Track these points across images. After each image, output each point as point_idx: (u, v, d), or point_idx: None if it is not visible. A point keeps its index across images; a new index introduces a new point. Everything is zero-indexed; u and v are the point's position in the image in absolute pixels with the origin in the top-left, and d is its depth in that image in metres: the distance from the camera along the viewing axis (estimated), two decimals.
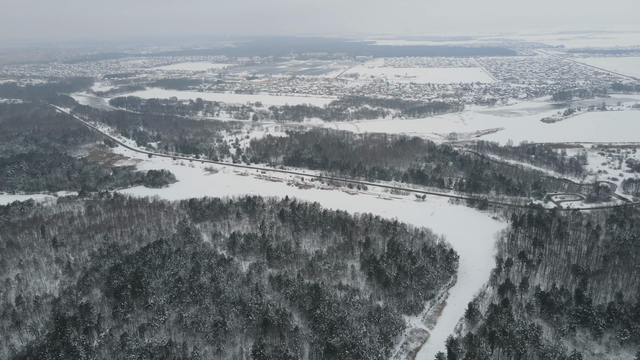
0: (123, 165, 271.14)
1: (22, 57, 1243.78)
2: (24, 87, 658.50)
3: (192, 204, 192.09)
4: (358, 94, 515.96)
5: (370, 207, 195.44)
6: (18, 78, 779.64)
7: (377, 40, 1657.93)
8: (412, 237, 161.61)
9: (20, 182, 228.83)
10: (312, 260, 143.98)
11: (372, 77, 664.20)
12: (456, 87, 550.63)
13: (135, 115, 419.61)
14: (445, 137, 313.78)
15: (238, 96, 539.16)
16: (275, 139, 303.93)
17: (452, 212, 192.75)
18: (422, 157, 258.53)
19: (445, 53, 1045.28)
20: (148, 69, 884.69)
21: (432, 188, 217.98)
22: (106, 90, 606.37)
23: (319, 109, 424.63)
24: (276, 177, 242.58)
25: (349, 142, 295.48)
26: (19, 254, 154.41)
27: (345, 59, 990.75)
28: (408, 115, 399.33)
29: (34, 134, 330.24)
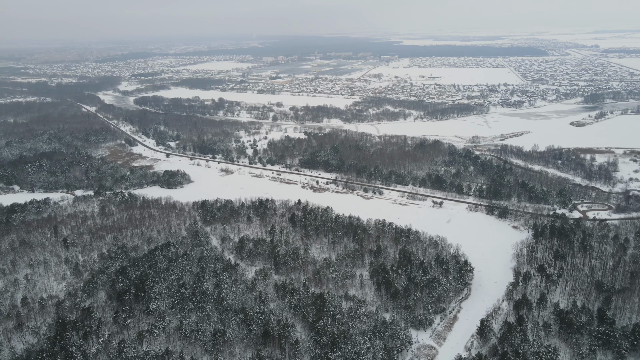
0: (141, 164, 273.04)
1: (55, 56, 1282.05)
2: (55, 86, 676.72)
3: (203, 206, 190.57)
4: (380, 95, 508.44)
5: (384, 212, 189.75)
6: (50, 77, 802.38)
7: (403, 40, 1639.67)
8: (425, 245, 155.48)
9: (39, 181, 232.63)
10: (319, 268, 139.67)
11: (395, 78, 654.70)
12: (482, 88, 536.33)
13: (157, 115, 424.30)
14: (468, 141, 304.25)
15: (260, 96, 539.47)
16: (293, 140, 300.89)
17: (470, 219, 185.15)
18: (441, 161, 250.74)
19: (473, 53, 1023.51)
20: (174, 69, 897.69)
21: (450, 194, 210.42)
22: (132, 89, 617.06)
23: (340, 110, 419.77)
24: (291, 180, 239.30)
25: (367, 144, 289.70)
26: (30, 254, 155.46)
27: (370, 59, 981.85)
28: (430, 117, 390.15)
29: (58, 132, 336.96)
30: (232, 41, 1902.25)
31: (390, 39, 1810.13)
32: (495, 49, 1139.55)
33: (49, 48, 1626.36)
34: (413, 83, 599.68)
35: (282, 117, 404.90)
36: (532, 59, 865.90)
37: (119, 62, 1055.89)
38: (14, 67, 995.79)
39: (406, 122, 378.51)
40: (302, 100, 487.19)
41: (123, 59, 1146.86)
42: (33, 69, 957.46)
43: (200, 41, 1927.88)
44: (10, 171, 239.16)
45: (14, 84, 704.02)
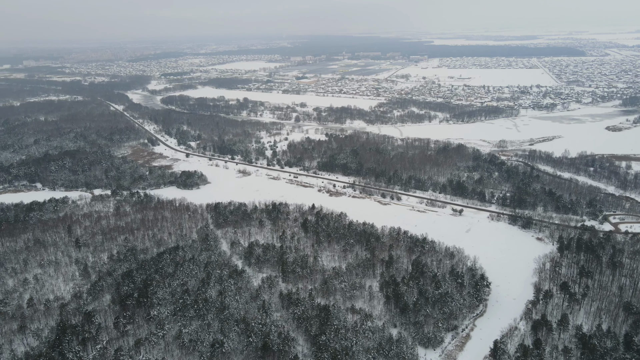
0: (161, 164, 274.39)
1: (91, 55, 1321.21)
2: (87, 84, 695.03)
3: (216, 208, 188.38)
4: (406, 96, 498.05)
5: (401, 219, 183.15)
6: (84, 76, 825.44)
7: (434, 40, 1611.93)
8: (440, 256, 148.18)
9: (61, 179, 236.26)
10: (327, 277, 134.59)
11: (423, 79, 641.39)
12: (513, 90, 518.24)
13: (181, 114, 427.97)
14: (494, 145, 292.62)
15: (285, 96, 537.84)
16: (313, 142, 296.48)
17: (491, 229, 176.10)
18: (464, 167, 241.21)
19: (506, 53, 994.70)
20: (203, 68, 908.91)
21: (471, 201, 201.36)
22: (160, 88, 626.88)
23: (363, 111, 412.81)
24: (308, 183, 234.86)
25: (389, 147, 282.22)
26: (43, 253, 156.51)
27: (398, 59, 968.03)
28: (457, 120, 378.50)
29: (84, 130, 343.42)
30: (262, 41, 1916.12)
31: (421, 38, 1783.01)
32: (530, 49, 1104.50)
33: (86, 48, 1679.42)
34: (441, 84, 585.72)
35: (304, 118, 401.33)
36: (569, 59, 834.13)
37: (150, 62, 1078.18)
38: (52, 66, 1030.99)
39: (431, 125, 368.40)
40: (327, 100, 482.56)
41: (155, 59, 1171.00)
42: (69, 68, 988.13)
43: (231, 41, 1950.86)
44: (34, 169, 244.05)
45: (50, 82, 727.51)
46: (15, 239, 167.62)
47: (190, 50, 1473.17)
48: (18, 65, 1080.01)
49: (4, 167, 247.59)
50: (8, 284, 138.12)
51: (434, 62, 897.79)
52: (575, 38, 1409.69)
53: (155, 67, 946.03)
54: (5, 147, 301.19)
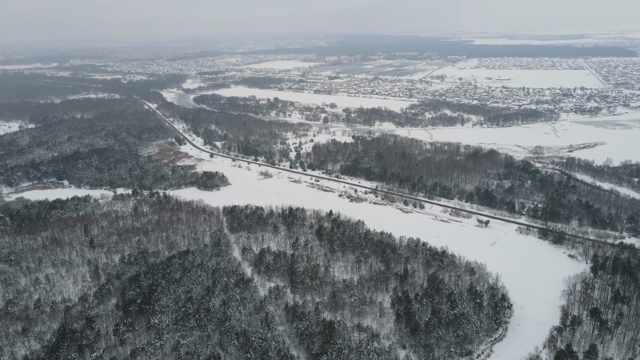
0: (185, 164, 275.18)
1: (134, 54, 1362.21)
2: (126, 83, 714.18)
3: (232, 211, 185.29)
4: (440, 98, 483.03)
5: (422, 229, 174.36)
6: (124, 74, 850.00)
7: (475, 39, 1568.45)
8: (460, 272, 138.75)
9: (86, 177, 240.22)
10: (336, 290, 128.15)
11: (459, 80, 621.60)
12: (554, 93, 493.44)
13: (211, 113, 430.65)
14: (529, 151, 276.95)
15: (316, 96, 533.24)
16: (338, 144, 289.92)
17: (519, 243, 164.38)
18: (495, 174, 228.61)
19: (551, 53, 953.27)
20: (238, 67, 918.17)
21: (500, 212, 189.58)
22: (194, 87, 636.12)
23: (394, 113, 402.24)
24: (329, 187, 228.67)
25: (416, 151, 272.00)
26: (58, 252, 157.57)
27: (435, 59, 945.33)
28: (491, 123, 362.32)
29: (116, 128, 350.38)
30: (299, 40, 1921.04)
31: (461, 38, 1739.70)
32: (576, 48, 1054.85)
33: (129, 47, 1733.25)
34: (477, 85, 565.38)
35: (333, 119, 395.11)
36: (618, 60, 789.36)
37: (188, 61, 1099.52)
38: (96, 65, 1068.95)
39: (463, 128, 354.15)
40: (357, 101, 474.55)
41: (193, 58, 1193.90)
42: (112, 66, 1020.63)
43: (269, 40, 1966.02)
44: (62, 166, 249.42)
45: (91, 80, 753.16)
46: (35, 236, 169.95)
47: (229, 50, 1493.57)
48: (65, 63, 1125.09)
49: (35, 164, 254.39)
50: (20, 283, 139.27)
51: (472, 62, 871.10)
52: (626, 37, 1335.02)
53: (192, 66, 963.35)
54: (40, 144, 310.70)
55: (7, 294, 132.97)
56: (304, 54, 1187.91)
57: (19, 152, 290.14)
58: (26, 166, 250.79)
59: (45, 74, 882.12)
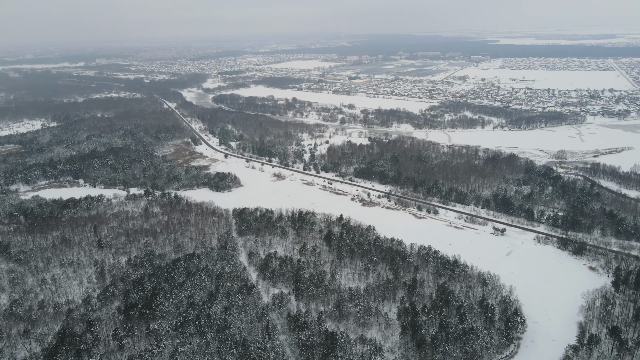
0: (199, 164, 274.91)
1: (158, 54, 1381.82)
2: (148, 82, 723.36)
3: (242, 214, 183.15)
4: (460, 99, 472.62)
5: (434, 236, 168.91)
6: (147, 74, 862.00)
7: (500, 39, 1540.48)
8: (472, 283, 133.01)
9: (101, 176, 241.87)
10: (341, 299, 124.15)
11: (482, 80, 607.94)
12: (581, 94, 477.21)
13: (228, 113, 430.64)
14: (552, 156, 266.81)
15: (334, 97, 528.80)
16: (354, 146, 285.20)
17: (536, 253, 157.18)
18: (514, 179, 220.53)
19: (579, 53, 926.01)
20: (259, 67, 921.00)
21: (517, 219, 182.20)
22: (214, 86, 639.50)
23: (412, 115, 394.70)
24: (341, 190, 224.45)
25: (432, 154, 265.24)
26: (67, 252, 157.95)
27: (458, 59, 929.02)
28: (513, 126, 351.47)
29: (133, 128, 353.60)
30: (321, 40, 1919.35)
31: (485, 37, 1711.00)
32: (607, 49, 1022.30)
33: (154, 46, 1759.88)
34: (500, 86, 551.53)
35: (350, 120, 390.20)
36: None
37: (210, 60, 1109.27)
38: (121, 64, 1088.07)
39: (484, 131, 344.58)
40: (376, 102, 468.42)
41: (215, 57, 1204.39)
42: (136, 66, 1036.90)
43: (291, 40, 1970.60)
44: (79, 165, 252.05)
45: (115, 79, 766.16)
46: (46, 235, 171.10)
47: (251, 49, 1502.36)
48: (91, 62, 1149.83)
49: (53, 162, 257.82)
50: (27, 283, 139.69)
51: (496, 62, 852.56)
52: None
53: (214, 66, 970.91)
54: (60, 142, 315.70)
55: (14, 294, 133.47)
56: (325, 54, 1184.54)
57: (39, 150, 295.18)
58: (44, 164, 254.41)
59: (72, 73, 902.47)
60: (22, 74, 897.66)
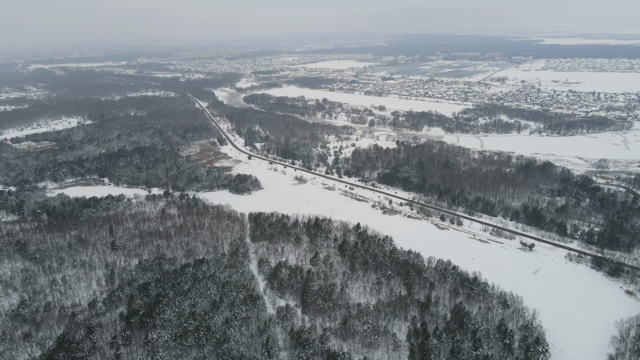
0: (222, 165, 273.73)
1: (196, 53, 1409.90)
2: (184, 81, 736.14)
3: (257, 219, 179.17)
4: (497, 102, 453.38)
5: (456, 249, 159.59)
6: (184, 73, 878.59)
7: (545, 39, 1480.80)
8: (491, 304, 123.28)
9: (125, 175, 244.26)
10: (348, 316, 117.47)
11: (522, 82, 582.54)
12: (630, 98, 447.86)
13: (256, 113, 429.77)
14: (592, 164, 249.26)
15: (366, 98, 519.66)
16: (380, 150, 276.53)
17: (567, 273, 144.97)
18: (547, 190, 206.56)
19: (631, 54, 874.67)
20: (294, 66, 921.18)
21: (548, 234, 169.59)
22: (247, 86, 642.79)
23: (444, 118, 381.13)
24: (362, 196, 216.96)
25: (461, 160, 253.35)
26: (81, 253, 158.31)
27: (498, 59, 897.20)
28: (551, 131, 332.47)
29: (163, 127, 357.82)
30: (359, 40, 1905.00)
31: (529, 37, 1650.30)
32: None
33: (193, 46, 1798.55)
34: (541, 89, 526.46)
35: (379, 123, 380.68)
36: None
37: (246, 60, 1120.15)
38: (160, 63, 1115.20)
39: (519, 136, 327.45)
40: (408, 104, 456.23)
41: (252, 57, 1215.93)
42: (174, 65, 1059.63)
43: (328, 39, 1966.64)
44: (105, 164, 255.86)
45: (152, 78, 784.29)
46: (64, 234, 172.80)
47: (287, 49, 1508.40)
48: (133, 61, 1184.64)
49: (81, 160, 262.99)
50: (38, 283, 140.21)
51: (538, 63, 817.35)
52: None
53: (249, 65, 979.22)
54: (91, 140, 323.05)
55: (24, 294, 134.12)
56: (360, 54, 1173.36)
57: (71, 147, 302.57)
58: (72, 162, 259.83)
59: (114, 72, 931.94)
60: (67, 73, 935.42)
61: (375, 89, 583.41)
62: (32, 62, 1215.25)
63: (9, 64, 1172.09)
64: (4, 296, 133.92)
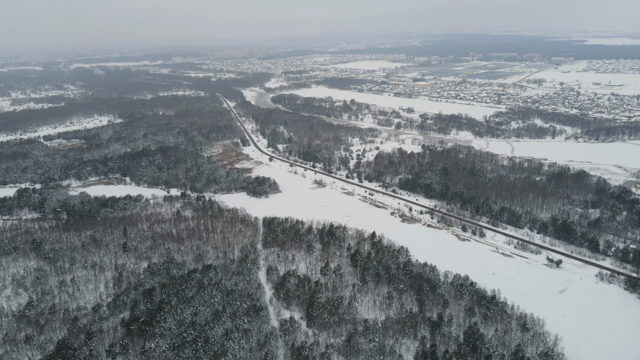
0: (243, 166, 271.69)
1: (230, 53, 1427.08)
2: (215, 81, 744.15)
3: (270, 224, 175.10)
4: (532, 105, 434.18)
5: (476, 262, 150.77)
6: (216, 72, 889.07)
7: (588, 39, 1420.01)
8: (509, 326, 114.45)
9: (146, 175, 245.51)
10: (353, 333, 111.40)
11: (560, 85, 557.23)
12: None
13: (282, 114, 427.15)
14: (632, 174, 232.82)
15: (394, 99, 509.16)
16: (404, 154, 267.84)
17: (597, 294, 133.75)
18: (580, 201, 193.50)
19: None
20: (324, 67, 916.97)
21: (578, 249, 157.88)
22: (276, 86, 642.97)
23: (475, 121, 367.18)
24: (382, 203, 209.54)
25: (488, 167, 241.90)
26: (93, 254, 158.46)
27: (536, 60, 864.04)
28: (589, 137, 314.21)
29: (188, 126, 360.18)
30: (392, 39, 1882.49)
31: (572, 37, 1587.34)
32: None
33: (227, 45, 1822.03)
34: (581, 92, 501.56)
35: (406, 125, 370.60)
36: None
37: (278, 59, 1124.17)
38: (194, 63, 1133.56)
39: (554, 142, 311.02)
40: (438, 106, 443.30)
41: (284, 56, 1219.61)
42: (207, 64, 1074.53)
43: (362, 39, 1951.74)
44: (127, 163, 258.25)
45: (185, 77, 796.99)
46: (80, 234, 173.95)
47: (320, 49, 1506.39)
48: (168, 61, 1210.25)
49: (105, 159, 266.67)
50: (48, 283, 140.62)
51: (579, 64, 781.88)
52: None
53: (280, 65, 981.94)
54: (118, 139, 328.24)
55: (33, 294, 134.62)
56: (393, 54, 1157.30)
57: (98, 146, 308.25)
58: (96, 161, 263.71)
59: (149, 71, 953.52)
60: (105, 71, 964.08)
61: (405, 90, 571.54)
62: (74, 61, 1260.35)
63: (53, 63, 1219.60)
64: (13, 296, 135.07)
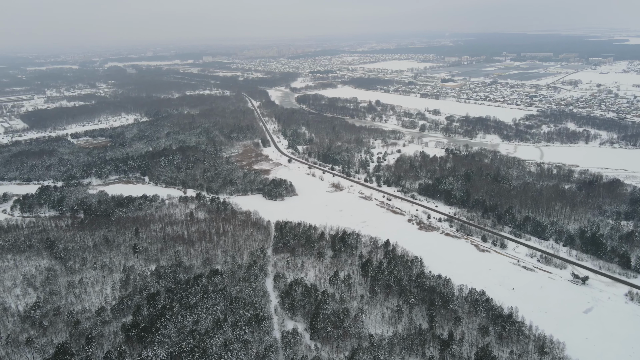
0: (261, 168, 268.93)
1: (259, 52, 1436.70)
2: (242, 80, 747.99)
3: (282, 229, 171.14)
4: (566, 108, 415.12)
5: (495, 276, 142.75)
6: (244, 72, 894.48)
7: (630, 38, 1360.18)
8: (526, 348, 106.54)
9: (164, 175, 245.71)
10: (357, 349, 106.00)
11: (597, 87, 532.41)
12: None
13: (305, 114, 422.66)
14: None
15: (421, 100, 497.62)
16: (426, 158, 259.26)
17: (626, 315, 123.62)
18: (612, 212, 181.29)
19: None
20: (352, 66, 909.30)
21: (607, 265, 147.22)
22: (301, 86, 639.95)
23: (503, 124, 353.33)
24: (399, 209, 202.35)
25: (514, 173, 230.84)
26: (104, 254, 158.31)
27: (573, 61, 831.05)
28: (626, 143, 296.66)
29: (211, 126, 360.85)
30: (423, 39, 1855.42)
31: (613, 36, 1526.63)
32: None
33: (257, 45, 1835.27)
34: (619, 94, 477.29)
35: (431, 128, 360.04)
36: None
37: (306, 59, 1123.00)
38: (224, 62, 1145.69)
39: (587, 147, 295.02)
40: (465, 108, 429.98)
41: (312, 56, 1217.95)
42: (237, 64, 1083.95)
43: (392, 39, 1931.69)
44: (147, 162, 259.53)
45: (213, 77, 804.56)
46: (93, 233, 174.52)
47: (349, 48, 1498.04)
48: (199, 60, 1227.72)
49: (126, 158, 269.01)
50: (57, 283, 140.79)
51: (619, 65, 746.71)
52: None
53: (308, 65, 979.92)
54: (142, 138, 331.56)
55: (41, 294, 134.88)
56: (423, 54, 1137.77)
57: (121, 144, 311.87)
58: (117, 160, 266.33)
59: (179, 70, 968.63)
60: (137, 70, 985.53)
61: (432, 91, 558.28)
62: (108, 60, 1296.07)
63: (89, 62, 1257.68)
64: (22, 295, 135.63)
